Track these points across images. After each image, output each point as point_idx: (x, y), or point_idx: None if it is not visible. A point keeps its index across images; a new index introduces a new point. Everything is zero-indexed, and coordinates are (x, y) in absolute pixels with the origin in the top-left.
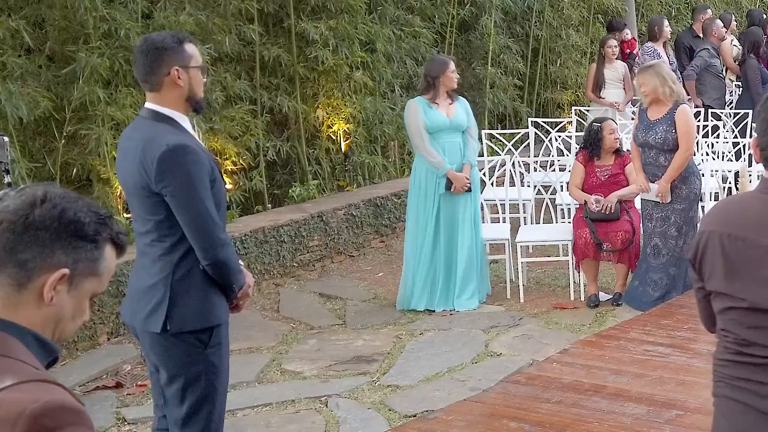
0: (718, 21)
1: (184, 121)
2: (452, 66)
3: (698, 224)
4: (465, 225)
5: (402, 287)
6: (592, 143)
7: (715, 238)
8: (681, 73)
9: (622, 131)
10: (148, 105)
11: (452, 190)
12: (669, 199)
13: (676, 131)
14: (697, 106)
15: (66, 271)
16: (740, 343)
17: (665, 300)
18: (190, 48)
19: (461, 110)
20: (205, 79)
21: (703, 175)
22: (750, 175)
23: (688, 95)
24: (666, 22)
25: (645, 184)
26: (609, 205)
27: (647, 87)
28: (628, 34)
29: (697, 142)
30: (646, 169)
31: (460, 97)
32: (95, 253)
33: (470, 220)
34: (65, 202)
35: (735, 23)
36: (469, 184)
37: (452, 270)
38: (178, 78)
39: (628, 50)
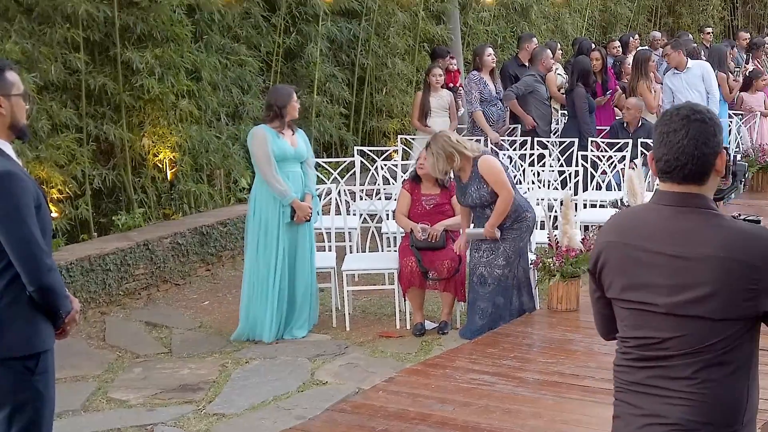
0: (548, 51)
1: (8, 148)
2: (295, 96)
3: (525, 253)
4: (305, 254)
5: (244, 318)
6: (415, 171)
7: (615, 249)
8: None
9: None
10: None
11: (295, 219)
12: (499, 236)
13: (487, 185)
14: (529, 129)
15: None
16: (640, 346)
17: (492, 328)
18: (11, 76)
19: (301, 140)
20: (27, 106)
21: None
22: (576, 204)
23: (515, 123)
24: (488, 51)
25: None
26: (435, 234)
27: (429, 169)
28: (454, 65)
29: (523, 170)
30: (477, 223)
31: (297, 128)
32: None
33: (309, 248)
34: None
35: (560, 52)
36: (311, 214)
37: (294, 299)
38: (0, 106)
39: (451, 83)
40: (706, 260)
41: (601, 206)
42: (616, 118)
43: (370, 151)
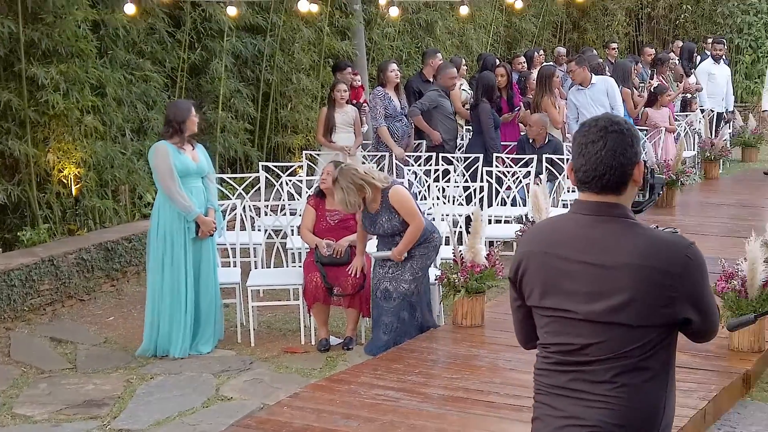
0: (451, 69)
1: None
2: (194, 110)
3: (429, 272)
4: (209, 269)
5: (149, 334)
6: (319, 186)
7: (535, 258)
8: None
9: None
10: None
11: (199, 234)
12: (404, 258)
13: (398, 214)
14: (435, 145)
15: None
16: (561, 352)
17: (397, 344)
18: None
19: (202, 155)
20: None
21: (433, 219)
22: (482, 219)
23: (419, 138)
24: (392, 67)
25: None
26: (339, 250)
27: (338, 204)
28: (357, 81)
29: (428, 186)
30: (382, 246)
31: (197, 143)
32: None
33: (212, 264)
34: None
35: (465, 67)
36: (215, 229)
37: (199, 315)
38: None
39: (354, 100)
40: (625, 268)
41: (506, 222)
42: (521, 133)
43: (275, 166)
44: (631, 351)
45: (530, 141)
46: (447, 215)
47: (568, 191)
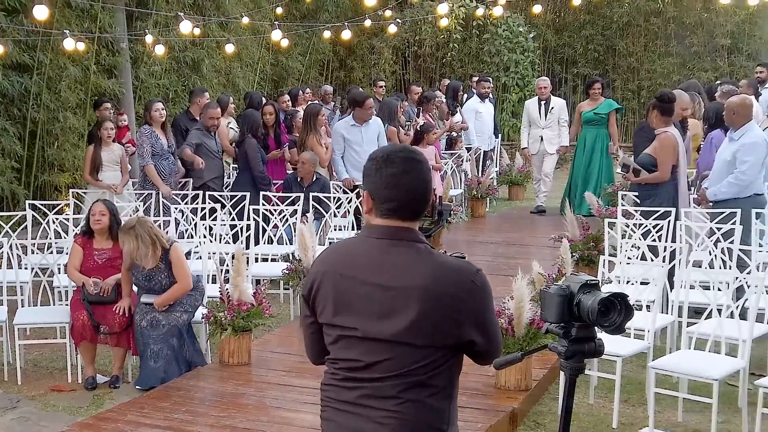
0: (213, 110)
1: None
2: None
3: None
4: None
5: None
6: (87, 224)
7: (329, 277)
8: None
9: (121, 212)
10: None
11: None
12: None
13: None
14: (201, 184)
15: None
16: (349, 368)
17: (167, 372)
18: None
19: None
20: None
21: (200, 257)
22: (247, 258)
23: (188, 176)
24: (156, 106)
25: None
26: (107, 288)
27: (128, 252)
28: (123, 121)
29: (195, 224)
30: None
31: None
32: None
33: None
34: None
35: (233, 105)
36: None
37: None
38: None
39: (118, 140)
40: (414, 290)
41: (273, 260)
42: (288, 172)
43: (42, 204)
44: (417, 369)
45: (298, 179)
46: (214, 253)
47: (335, 229)
